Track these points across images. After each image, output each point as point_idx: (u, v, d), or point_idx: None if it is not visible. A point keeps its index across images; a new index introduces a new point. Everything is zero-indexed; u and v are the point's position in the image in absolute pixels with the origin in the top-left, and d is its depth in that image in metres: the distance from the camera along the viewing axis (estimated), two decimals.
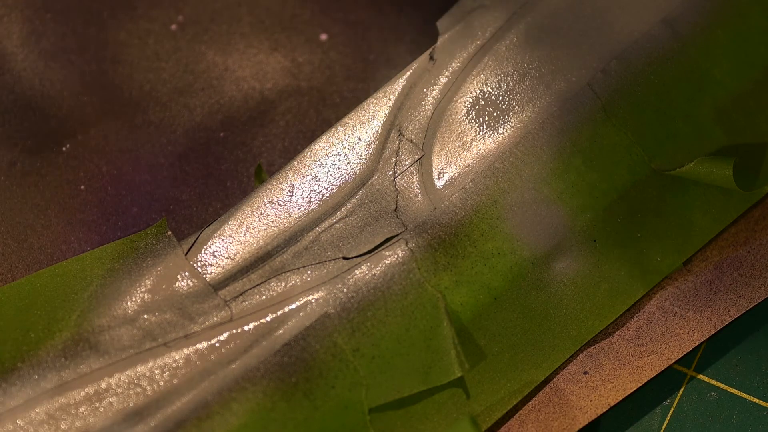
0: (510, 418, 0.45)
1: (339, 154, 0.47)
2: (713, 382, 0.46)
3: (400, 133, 0.47)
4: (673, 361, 0.45)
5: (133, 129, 0.53)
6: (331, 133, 0.47)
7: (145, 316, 0.44)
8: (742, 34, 0.48)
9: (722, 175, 0.45)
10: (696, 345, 0.46)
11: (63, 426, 0.43)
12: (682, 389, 0.46)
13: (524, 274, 0.45)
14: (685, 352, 0.46)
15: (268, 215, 0.46)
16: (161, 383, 0.43)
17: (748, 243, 0.47)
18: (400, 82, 0.48)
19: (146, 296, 0.45)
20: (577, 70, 0.47)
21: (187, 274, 0.45)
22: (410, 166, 0.46)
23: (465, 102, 0.47)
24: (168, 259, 0.45)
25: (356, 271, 0.45)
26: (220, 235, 0.46)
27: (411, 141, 0.47)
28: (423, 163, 0.46)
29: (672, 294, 0.47)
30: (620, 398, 0.45)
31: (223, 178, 0.52)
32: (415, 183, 0.46)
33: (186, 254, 0.45)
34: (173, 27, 0.55)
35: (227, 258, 0.45)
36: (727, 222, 0.47)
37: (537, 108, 0.47)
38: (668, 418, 0.46)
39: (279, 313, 0.44)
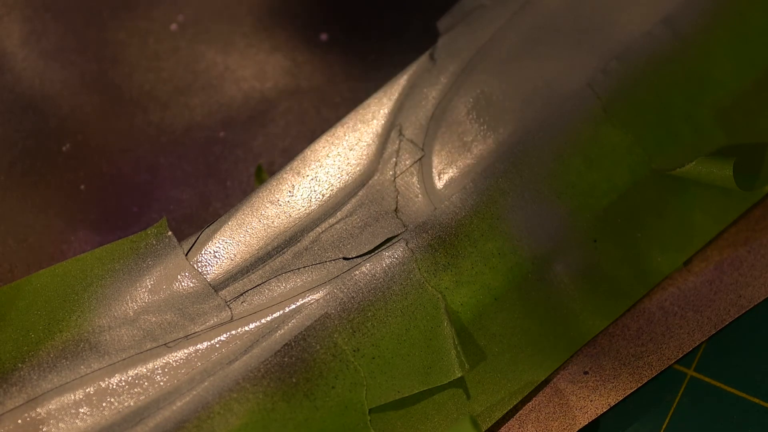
0: (510, 418, 0.45)
1: (339, 154, 0.47)
2: (713, 382, 0.46)
3: (401, 133, 0.47)
4: (673, 361, 0.45)
5: (133, 129, 0.53)
6: (331, 133, 0.47)
7: (146, 316, 0.44)
8: (742, 34, 0.48)
9: (722, 175, 0.45)
10: (696, 345, 0.46)
11: (63, 426, 0.43)
12: (682, 389, 0.46)
13: (524, 275, 0.45)
14: (685, 352, 0.46)
15: (269, 216, 0.46)
16: (161, 383, 0.43)
17: (748, 243, 0.47)
18: (401, 82, 0.48)
19: (146, 297, 0.45)
20: (577, 70, 0.47)
21: (187, 274, 0.45)
22: (410, 166, 0.46)
23: (465, 102, 0.47)
24: (168, 260, 0.45)
25: (356, 272, 0.45)
26: (220, 235, 0.46)
27: (411, 141, 0.47)
28: (423, 163, 0.46)
29: (672, 294, 0.47)
30: (620, 398, 0.45)
31: (223, 178, 0.52)
32: (416, 183, 0.46)
33: (186, 254, 0.45)
34: (173, 27, 0.55)
35: (227, 258, 0.45)
36: (727, 222, 0.47)
37: (537, 108, 0.47)
38: (668, 418, 0.46)
39: (279, 313, 0.44)
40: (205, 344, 0.44)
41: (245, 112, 0.53)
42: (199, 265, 0.45)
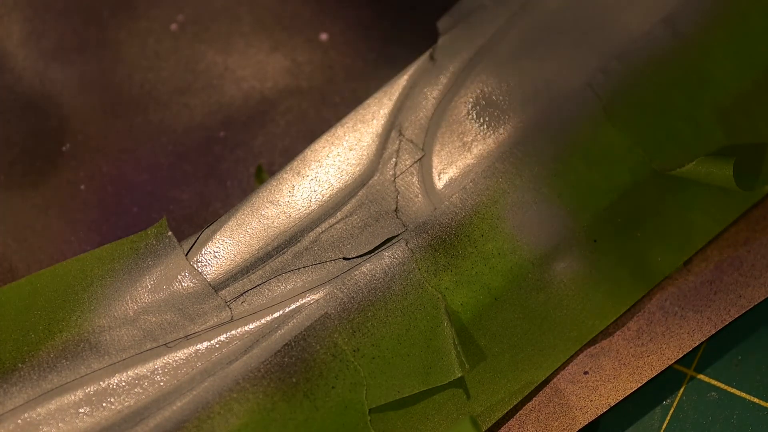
0: (510, 418, 0.45)
1: (339, 154, 0.47)
2: (713, 382, 0.46)
3: (401, 133, 0.47)
4: (673, 361, 0.45)
5: (133, 129, 0.53)
6: (331, 133, 0.47)
7: (146, 316, 0.44)
8: (742, 34, 0.48)
9: (722, 175, 0.45)
10: (696, 345, 0.46)
11: (63, 426, 0.43)
12: (682, 389, 0.46)
13: (524, 275, 0.45)
14: (685, 352, 0.46)
15: (269, 216, 0.46)
16: (161, 383, 0.43)
17: (748, 243, 0.47)
18: (401, 82, 0.48)
19: (147, 297, 0.45)
20: (577, 70, 0.47)
21: (187, 274, 0.45)
22: (410, 166, 0.46)
23: (465, 102, 0.47)
24: (168, 260, 0.45)
25: (356, 272, 0.45)
26: (220, 235, 0.46)
27: (411, 141, 0.47)
28: (423, 163, 0.46)
29: (672, 294, 0.47)
30: (620, 398, 0.45)
31: (223, 178, 0.52)
32: (416, 183, 0.46)
33: (186, 254, 0.45)
34: (173, 26, 0.55)
35: (228, 258, 0.45)
36: (727, 222, 0.47)
37: (537, 108, 0.47)
38: (668, 418, 0.46)
39: (279, 313, 0.44)
40: (205, 344, 0.44)
41: (245, 112, 0.53)
42: (199, 265, 0.45)
